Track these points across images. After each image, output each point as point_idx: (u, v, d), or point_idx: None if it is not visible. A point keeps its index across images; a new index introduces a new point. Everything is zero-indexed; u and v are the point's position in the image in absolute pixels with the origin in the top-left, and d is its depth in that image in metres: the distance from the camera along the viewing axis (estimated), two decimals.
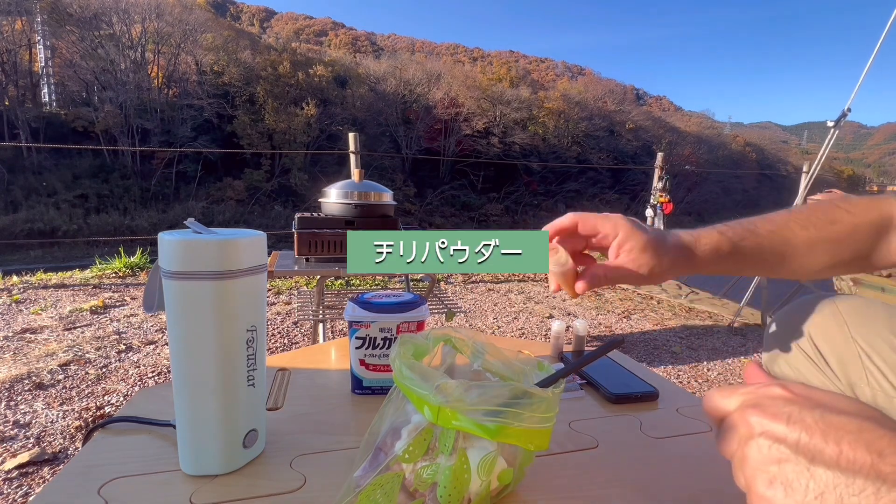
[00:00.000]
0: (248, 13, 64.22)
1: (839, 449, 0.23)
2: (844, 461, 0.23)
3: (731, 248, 0.54)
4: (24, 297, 2.84)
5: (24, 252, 12.90)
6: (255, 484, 0.47)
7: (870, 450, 0.23)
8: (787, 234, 0.55)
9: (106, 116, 18.76)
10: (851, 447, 0.23)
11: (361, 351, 0.64)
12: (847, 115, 2.55)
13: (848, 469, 0.22)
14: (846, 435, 0.23)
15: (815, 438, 0.24)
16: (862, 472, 0.22)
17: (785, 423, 0.24)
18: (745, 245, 0.54)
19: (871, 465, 0.22)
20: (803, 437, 0.24)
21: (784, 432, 0.24)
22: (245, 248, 0.46)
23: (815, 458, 0.23)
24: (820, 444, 0.23)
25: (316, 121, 22.58)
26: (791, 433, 0.24)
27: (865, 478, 0.22)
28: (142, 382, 1.82)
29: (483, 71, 37.40)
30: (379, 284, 3.24)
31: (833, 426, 0.24)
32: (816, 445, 0.23)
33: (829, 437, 0.23)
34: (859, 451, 0.23)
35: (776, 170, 42.62)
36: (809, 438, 0.24)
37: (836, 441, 0.23)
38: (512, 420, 0.37)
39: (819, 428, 0.24)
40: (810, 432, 0.24)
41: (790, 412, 0.25)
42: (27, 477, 1.25)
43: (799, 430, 0.24)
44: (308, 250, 1.54)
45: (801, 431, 0.24)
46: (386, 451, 0.40)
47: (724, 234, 0.54)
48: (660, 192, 4.33)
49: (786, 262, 0.55)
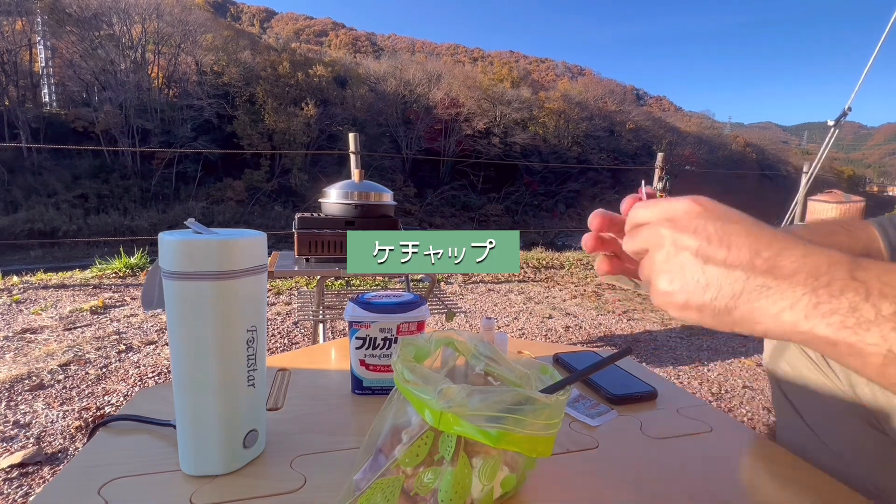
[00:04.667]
0: (248, 13, 64.22)
1: (728, 251, 0.29)
2: (730, 260, 0.29)
3: None
4: (24, 298, 2.84)
5: (24, 252, 12.90)
6: (256, 484, 0.47)
7: (751, 250, 0.28)
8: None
9: (106, 117, 18.77)
10: (737, 248, 0.29)
11: (361, 351, 0.64)
12: (847, 114, 2.56)
13: (731, 265, 0.29)
14: (736, 239, 0.29)
15: (713, 244, 0.29)
16: (740, 266, 0.28)
17: (692, 234, 0.30)
18: None
19: (748, 261, 0.28)
20: (703, 244, 0.29)
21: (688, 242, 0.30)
22: (245, 248, 0.46)
23: (709, 259, 0.29)
24: (715, 248, 0.29)
25: (316, 121, 22.58)
26: (694, 242, 0.30)
27: (741, 269, 0.28)
28: (142, 382, 1.82)
29: (484, 71, 37.40)
30: (379, 284, 3.24)
31: (728, 233, 0.29)
32: (712, 250, 0.29)
33: (723, 243, 0.29)
34: (743, 251, 0.29)
35: (776, 170, 42.62)
36: (708, 245, 0.29)
37: (727, 245, 0.29)
38: (514, 426, 0.36)
39: (717, 236, 0.29)
40: (710, 240, 0.29)
41: (697, 225, 0.30)
42: (27, 477, 1.25)
43: (701, 239, 0.30)
44: (308, 250, 1.54)
45: (703, 240, 0.30)
46: (386, 454, 0.40)
47: (819, 251, 0.55)
48: (660, 192, 4.32)
49: None
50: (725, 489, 0.49)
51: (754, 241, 0.29)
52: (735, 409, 1.82)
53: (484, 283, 3.69)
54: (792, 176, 27.93)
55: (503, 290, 3.51)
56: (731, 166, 38.31)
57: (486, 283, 3.69)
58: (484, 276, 3.85)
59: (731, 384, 2.05)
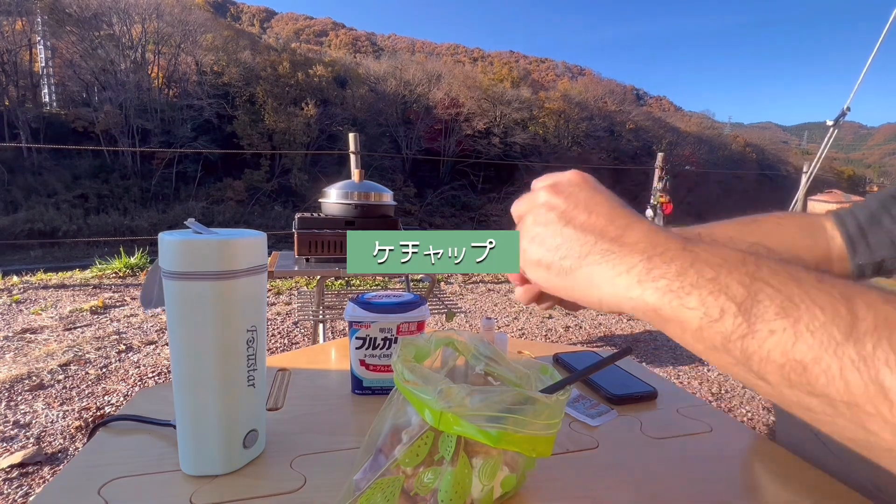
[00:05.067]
0: (248, 13, 64.22)
1: (588, 216, 0.31)
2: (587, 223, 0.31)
3: None
4: (24, 298, 2.84)
5: (24, 252, 12.90)
6: (256, 484, 0.47)
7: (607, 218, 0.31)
8: (715, 233, 0.54)
9: (106, 117, 18.77)
10: (596, 215, 0.31)
11: (361, 351, 0.64)
12: (847, 114, 2.55)
13: (587, 229, 0.31)
14: (598, 208, 0.32)
15: (578, 209, 0.32)
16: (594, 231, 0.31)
17: (564, 198, 0.33)
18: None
19: (602, 227, 0.31)
20: (569, 207, 0.32)
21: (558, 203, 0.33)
22: (245, 248, 0.46)
23: (570, 221, 0.32)
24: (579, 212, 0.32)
25: (316, 121, 22.58)
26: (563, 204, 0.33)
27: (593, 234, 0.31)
28: (142, 382, 1.82)
29: (484, 71, 37.41)
30: (379, 285, 3.24)
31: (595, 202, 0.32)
32: (576, 213, 0.32)
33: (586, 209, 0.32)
34: (601, 218, 0.31)
35: (776, 170, 42.62)
36: (574, 208, 0.32)
37: (589, 211, 0.31)
38: (514, 426, 0.36)
39: (584, 202, 0.32)
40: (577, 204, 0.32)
41: (571, 191, 0.33)
42: (27, 477, 1.25)
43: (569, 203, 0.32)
44: (308, 250, 1.54)
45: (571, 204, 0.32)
46: (386, 454, 0.40)
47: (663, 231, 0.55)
48: (660, 192, 4.33)
49: None
50: (725, 489, 0.49)
51: (612, 211, 0.32)
52: (735, 409, 1.82)
53: (484, 283, 3.69)
54: (792, 176, 27.93)
55: (503, 290, 3.51)
56: (731, 166, 38.31)
57: (486, 283, 3.69)
58: (484, 276, 3.85)
59: (731, 384, 2.05)
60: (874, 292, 0.23)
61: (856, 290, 0.23)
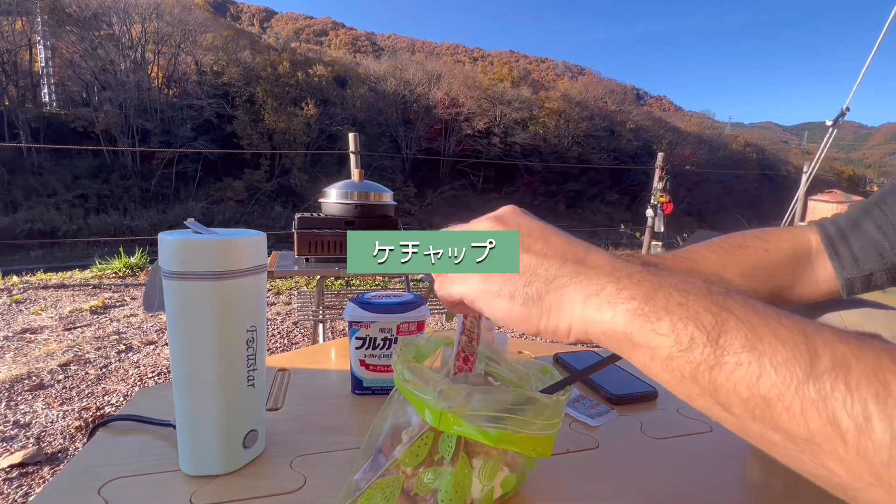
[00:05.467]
0: (247, 13, 64.19)
1: (545, 244, 0.32)
2: (546, 251, 0.32)
3: None
4: (24, 298, 2.84)
5: (24, 252, 12.90)
6: (256, 484, 0.47)
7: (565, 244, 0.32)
8: (695, 258, 0.54)
9: (106, 116, 18.76)
10: (553, 244, 0.32)
11: (361, 351, 0.64)
12: (846, 114, 2.55)
13: (547, 255, 0.32)
14: (552, 237, 0.33)
15: (532, 237, 0.33)
16: (556, 256, 0.31)
17: (514, 228, 0.34)
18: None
19: (563, 252, 0.31)
20: (522, 236, 0.33)
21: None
22: (245, 248, 0.46)
23: (528, 249, 0.32)
24: (534, 241, 0.33)
25: (316, 121, 22.57)
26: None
27: (556, 258, 0.31)
28: (142, 382, 1.82)
29: (484, 71, 37.39)
30: (379, 284, 3.24)
31: (545, 232, 0.33)
32: (531, 242, 0.33)
33: (542, 238, 0.33)
34: (558, 245, 0.32)
35: (776, 170, 42.60)
36: (528, 237, 0.33)
37: (545, 240, 0.33)
38: (514, 426, 0.36)
39: (537, 232, 0.33)
40: (530, 234, 0.33)
41: (520, 221, 0.34)
42: (27, 477, 1.25)
43: (522, 233, 0.33)
44: (308, 250, 1.54)
45: (523, 233, 0.33)
46: (386, 454, 0.40)
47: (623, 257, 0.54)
48: (660, 192, 4.33)
49: None
50: (725, 489, 0.49)
51: (567, 238, 0.33)
52: None
53: None
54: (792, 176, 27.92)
55: None
56: (732, 166, 38.29)
57: None
58: None
59: None
60: (829, 330, 0.23)
61: (813, 327, 0.24)
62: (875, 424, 0.20)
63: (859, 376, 0.21)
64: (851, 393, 0.21)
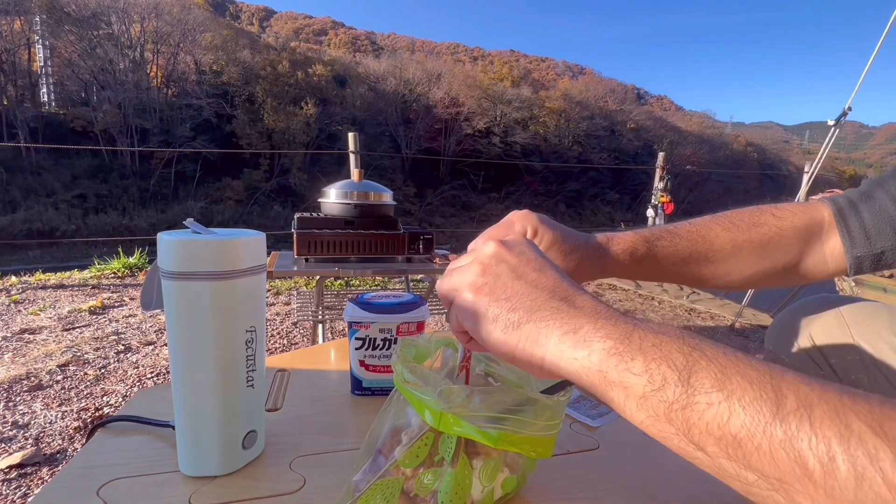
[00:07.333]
0: (247, 12, 64.12)
1: (539, 275, 0.33)
2: (539, 281, 0.33)
3: (648, 249, 0.51)
4: (22, 298, 2.83)
5: (22, 252, 12.89)
6: (255, 485, 0.46)
7: (557, 279, 0.33)
8: (708, 235, 0.53)
9: (105, 116, 18.75)
10: (546, 276, 0.33)
11: (361, 352, 0.64)
12: (848, 114, 2.55)
13: (538, 286, 0.32)
14: (546, 269, 0.34)
15: (530, 266, 0.34)
16: (545, 288, 0.32)
17: (517, 254, 0.35)
18: (662, 245, 0.52)
19: (553, 286, 0.32)
20: (521, 263, 0.34)
21: (510, 259, 0.34)
22: (244, 248, 0.45)
23: (522, 276, 0.33)
24: (530, 270, 0.33)
25: (315, 120, 22.57)
26: (515, 259, 0.34)
27: (545, 290, 0.32)
28: (140, 383, 1.81)
29: (484, 70, 37.41)
30: (379, 285, 3.24)
31: (542, 263, 0.34)
32: (528, 270, 0.33)
33: (538, 268, 0.34)
34: (551, 278, 0.33)
35: (778, 170, 42.62)
36: (526, 265, 0.34)
37: (539, 271, 0.33)
38: (515, 427, 0.36)
39: (534, 262, 0.34)
40: (529, 262, 0.34)
41: (522, 248, 0.35)
42: (26, 478, 1.25)
43: (522, 259, 0.34)
44: (307, 250, 1.53)
45: (523, 260, 0.34)
46: (386, 454, 0.40)
47: (641, 233, 0.52)
48: (661, 191, 4.32)
49: (709, 265, 0.53)
50: (726, 490, 0.48)
51: (560, 274, 0.34)
52: None
53: None
54: (793, 175, 27.94)
55: None
56: (733, 166, 38.30)
57: None
58: None
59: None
60: (792, 373, 0.24)
61: (778, 369, 0.25)
62: (839, 464, 0.20)
63: (822, 416, 0.22)
64: (816, 433, 0.21)
